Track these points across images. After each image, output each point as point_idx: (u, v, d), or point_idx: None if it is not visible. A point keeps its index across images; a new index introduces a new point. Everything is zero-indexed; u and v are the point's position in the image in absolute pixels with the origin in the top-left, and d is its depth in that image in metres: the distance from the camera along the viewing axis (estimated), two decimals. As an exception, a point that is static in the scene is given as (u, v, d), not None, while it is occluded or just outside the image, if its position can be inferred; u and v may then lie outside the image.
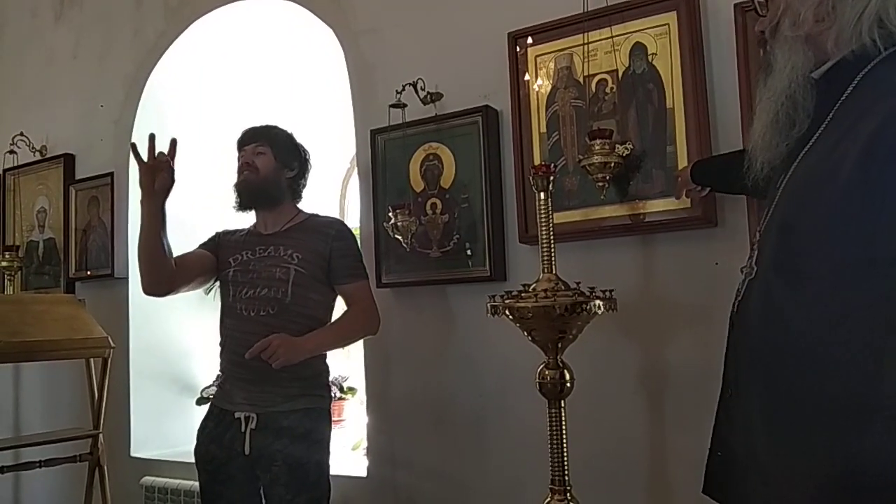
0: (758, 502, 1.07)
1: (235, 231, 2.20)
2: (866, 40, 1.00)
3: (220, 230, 2.24)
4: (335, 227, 2.15)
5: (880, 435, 0.89)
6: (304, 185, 2.23)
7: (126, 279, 3.20)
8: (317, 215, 2.20)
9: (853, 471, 0.92)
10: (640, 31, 2.04)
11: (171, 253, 2.00)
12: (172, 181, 1.92)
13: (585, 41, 2.08)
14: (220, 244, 2.16)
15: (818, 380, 0.97)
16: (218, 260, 2.14)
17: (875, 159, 0.92)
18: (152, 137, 1.93)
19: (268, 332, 1.93)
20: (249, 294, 2.02)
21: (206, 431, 2.04)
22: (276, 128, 2.21)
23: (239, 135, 2.19)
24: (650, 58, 2.03)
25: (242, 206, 2.14)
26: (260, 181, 2.11)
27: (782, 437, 1.02)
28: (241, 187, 2.13)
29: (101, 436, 2.87)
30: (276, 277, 2.02)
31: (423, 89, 2.39)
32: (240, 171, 2.13)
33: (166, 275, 2.00)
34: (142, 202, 1.94)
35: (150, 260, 1.97)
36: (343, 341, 2.17)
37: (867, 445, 0.90)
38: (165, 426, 3.17)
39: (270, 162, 2.13)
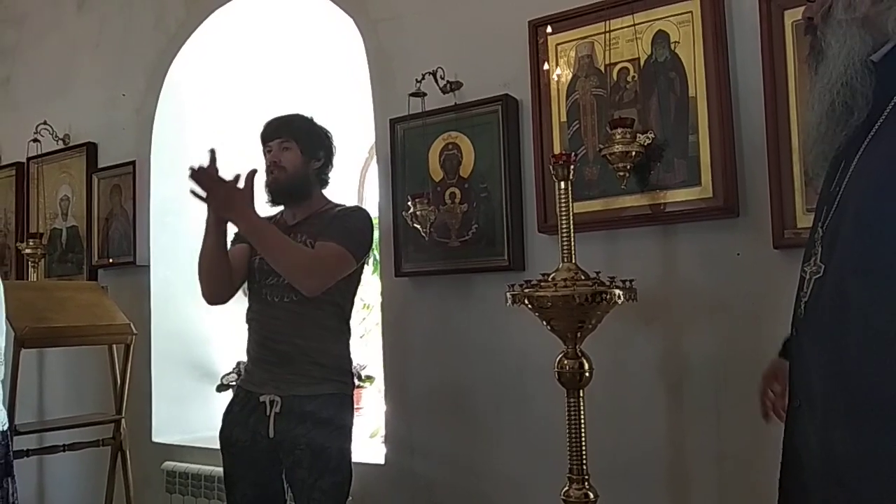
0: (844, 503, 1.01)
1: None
2: None
3: None
4: (348, 209, 2.17)
5: None
6: (330, 171, 2.21)
7: (147, 267, 3.24)
8: (339, 205, 2.20)
9: None
10: (662, 18, 2.02)
11: (230, 264, 2.04)
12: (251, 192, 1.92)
13: (607, 29, 2.06)
14: None
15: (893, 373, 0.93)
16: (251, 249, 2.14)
17: None
18: (213, 153, 1.92)
19: (292, 317, 2.00)
20: (273, 281, 2.04)
21: (232, 415, 2.07)
22: (297, 118, 2.18)
23: (262, 128, 2.18)
24: (672, 46, 2.01)
25: (275, 203, 2.15)
26: (289, 179, 2.10)
27: (871, 443, 0.96)
28: (272, 188, 2.11)
29: (123, 421, 2.91)
30: None
31: (442, 78, 2.39)
32: (269, 171, 2.11)
33: (228, 284, 2.06)
34: (208, 217, 1.97)
35: (215, 273, 2.02)
36: (276, 252, 1.93)
37: None
38: (186, 412, 3.21)
39: (297, 157, 2.11)
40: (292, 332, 2.02)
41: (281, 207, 2.20)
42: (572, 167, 1.78)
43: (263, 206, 2.20)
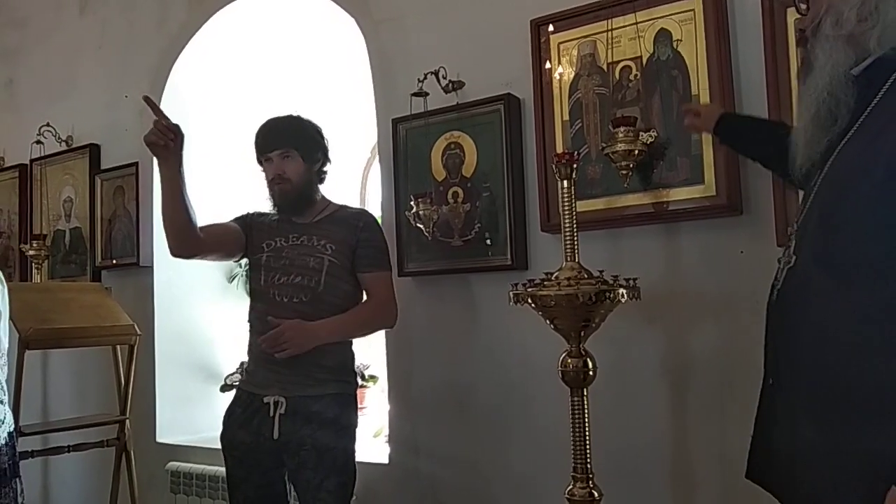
0: (804, 488, 1.09)
1: (266, 214, 2.18)
2: None
3: (251, 210, 2.23)
4: (363, 219, 2.15)
5: None
6: (328, 167, 2.20)
7: (151, 268, 3.24)
8: (346, 207, 2.21)
9: (886, 450, 0.95)
10: (664, 17, 2.02)
11: (194, 216, 2.01)
12: (181, 138, 1.91)
13: (609, 28, 2.06)
14: (252, 225, 2.16)
15: (863, 370, 1.00)
16: (248, 240, 2.14)
17: None
18: (147, 99, 1.92)
19: (302, 318, 1.98)
20: (282, 281, 2.04)
21: (234, 417, 2.06)
22: (292, 123, 2.13)
23: (256, 138, 2.13)
24: (675, 44, 2.01)
25: (283, 213, 2.13)
26: (296, 190, 2.09)
27: (828, 425, 1.04)
28: (281, 200, 2.09)
29: (127, 421, 2.92)
30: (310, 266, 2.04)
31: (444, 77, 2.39)
32: (274, 183, 2.08)
33: (191, 236, 2.01)
34: (159, 165, 1.95)
35: (175, 222, 1.98)
36: (358, 331, 2.12)
37: None
38: (190, 412, 3.21)
39: (300, 165, 2.09)
40: None
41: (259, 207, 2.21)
42: (575, 166, 1.79)
43: (253, 200, 2.21)
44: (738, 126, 1.74)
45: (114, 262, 3.39)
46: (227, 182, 3.31)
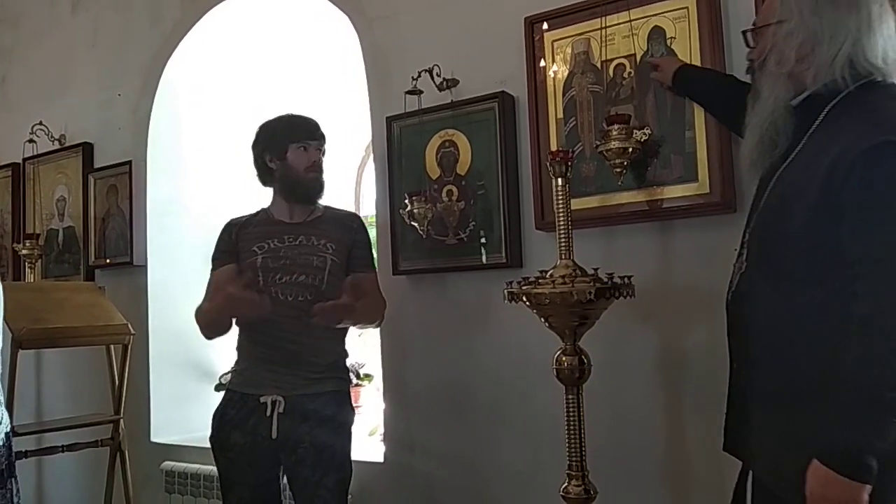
0: (760, 460, 1.30)
1: (246, 220, 2.17)
2: (838, 77, 1.21)
3: (229, 224, 2.18)
4: (356, 221, 2.22)
5: (840, 406, 1.09)
6: None
7: (144, 266, 3.23)
8: (331, 207, 2.22)
9: (818, 437, 1.12)
10: (658, 14, 2.02)
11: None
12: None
13: (603, 25, 2.06)
14: (238, 238, 2.13)
15: (797, 362, 1.19)
16: (238, 257, 2.11)
17: (833, 183, 1.12)
18: None
19: (304, 316, 1.98)
20: (285, 280, 2.03)
21: (227, 418, 2.04)
22: (318, 122, 2.20)
23: (299, 124, 2.15)
24: (669, 42, 2.01)
25: (302, 201, 2.13)
26: (325, 184, 2.15)
27: (772, 409, 1.24)
28: (317, 188, 2.13)
29: (121, 421, 2.91)
30: (314, 265, 2.05)
31: (438, 75, 2.39)
32: (308, 171, 2.10)
33: (229, 325, 2.08)
34: (218, 298, 1.97)
35: (220, 327, 2.07)
36: (364, 318, 2.12)
37: (826, 406, 1.10)
38: (185, 411, 3.20)
39: (324, 162, 2.16)
40: (303, 332, 2.01)
41: (262, 206, 2.20)
42: (570, 164, 1.79)
43: (244, 195, 2.18)
44: (694, 78, 1.85)
45: (107, 261, 3.38)
46: (220, 180, 3.30)
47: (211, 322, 2.05)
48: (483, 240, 2.32)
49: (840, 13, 1.21)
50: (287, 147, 2.11)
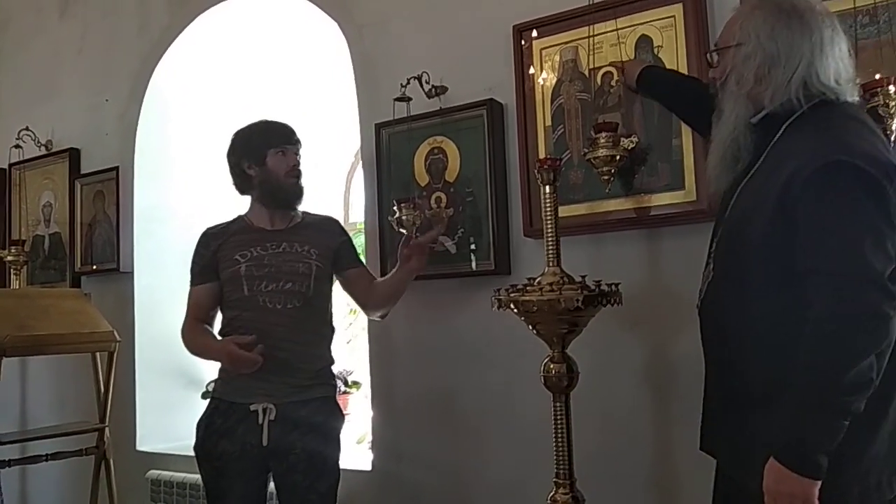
0: (727, 458, 1.39)
1: (223, 229, 2.14)
2: (793, 97, 1.29)
3: (205, 235, 2.14)
4: (336, 224, 2.23)
5: (795, 408, 1.17)
6: None
7: (131, 273, 3.21)
8: (309, 213, 2.21)
9: (774, 436, 1.19)
10: (645, 23, 2.04)
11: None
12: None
13: (591, 34, 2.07)
14: (218, 249, 2.09)
15: (758, 366, 1.27)
16: (218, 267, 2.08)
17: (789, 198, 1.20)
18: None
19: (294, 324, 2.00)
20: (272, 287, 2.01)
21: (214, 427, 2.02)
22: None
23: (277, 128, 2.14)
24: (656, 50, 2.02)
25: (283, 206, 2.12)
26: (304, 188, 2.14)
27: (736, 410, 1.32)
28: (298, 192, 2.12)
29: (107, 429, 2.88)
30: (300, 272, 2.04)
31: (427, 83, 2.39)
32: (289, 175, 2.10)
33: None
34: (221, 353, 1.98)
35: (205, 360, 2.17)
36: (402, 294, 2.17)
37: (783, 408, 1.18)
38: (171, 420, 3.18)
39: (302, 166, 2.16)
40: (293, 338, 2.00)
41: (240, 212, 2.19)
42: (558, 171, 1.79)
43: (231, 202, 2.19)
44: (658, 79, 1.90)
45: (94, 267, 3.35)
46: (208, 186, 3.29)
47: (200, 356, 2.14)
48: (473, 247, 2.31)
49: (794, 37, 1.29)
50: (266, 153, 2.10)
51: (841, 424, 1.14)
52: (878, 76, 1.61)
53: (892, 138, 1.62)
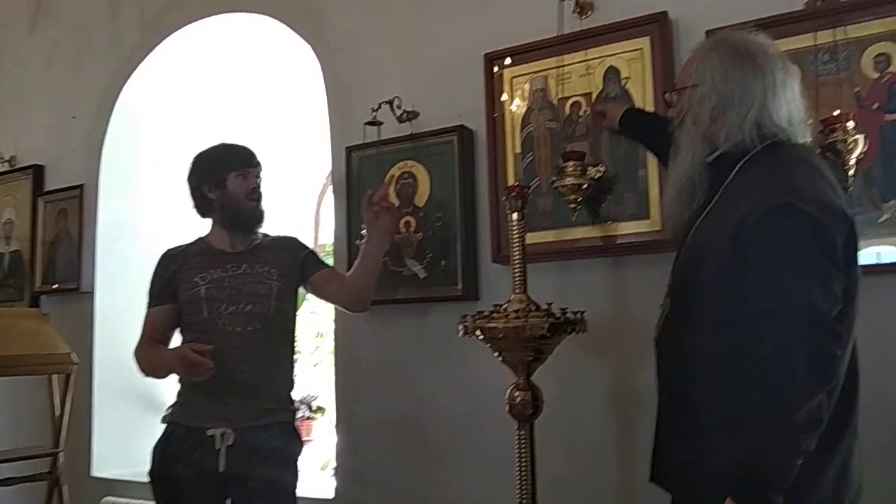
0: (680, 491, 1.39)
1: (182, 251, 2.12)
2: (747, 138, 1.32)
3: (165, 257, 2.11)
4: (297, 241, 2.21)
5: (746, 438, 1.17)
6: None
7: (92, 293, 3.15)
8: (268, 234, 2.19)
9: (728, 473, 1.18)
10: (613, 55, 2.07)
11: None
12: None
13: (560, 64, 2.10)
14: (178, 270, 2.06)
15: (708, 399, 1.29)
16: (177, 289, 2.05)
17: (739, 240, 1.22)
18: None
19: (255, 346, 1.97)
20: (231, 310, 1.99)
21: (169, 452, 1.97)
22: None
23: (237, 152, 2.12)
24: (623, 82, 2.06)
25: (243, 230, 2.09)
26: (264, 211, 2.12)
27: (689, 441, 1.33)
28: (258, 215, 2.09)
29: (61, 454, 2.79)
30: (261, 293, 2.02)
31: (399, 107, 2.40)
32: (248, 198, 2.07)
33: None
34: (174, 360, 1.91)
35: (161, 377, 2.08)
36: (377, 273, 2.11)
37: (736, 446, 1.17)
38: (129, 444, 3.08)
39: (262, 189, 2.13)
40: (254, 361, 1.97)
41: (197, 235, 2.16)
42: (525, 198, 1.80)
43: (189, 231, 2.17)
44: (639, 122, 1.92)
45: (54, 286, 3.28)
46: (174, 205, 3.24)
47: (155, 371, 2.05)
48: (440, 271, 2.31)
49: (747, 79, 1.32)
50: (226, 176, 2.07)
51: (794, 463, 1.15)
52: (837, 112, 1.66)
53: (851, 173, 1.66)
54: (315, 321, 3.55)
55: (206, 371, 1.84)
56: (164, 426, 2.04)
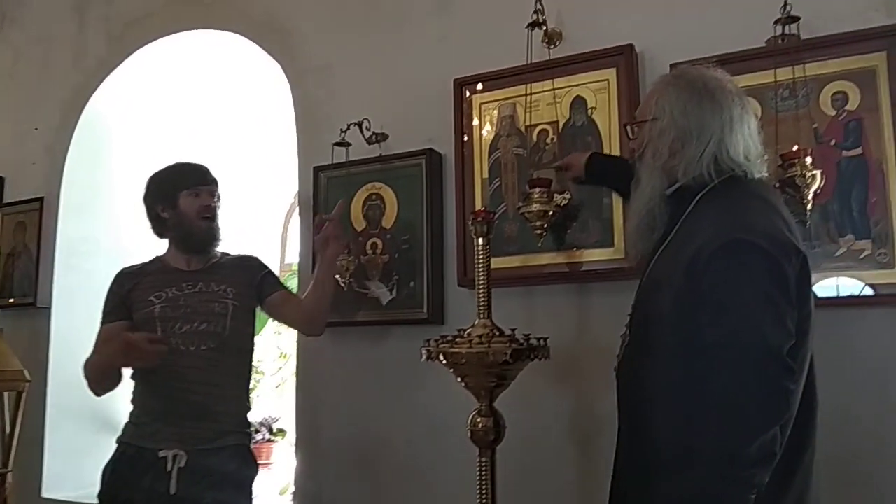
0: None
1: (139, 269, 2.09)
2: (705, 171, 1.34)
3: (120, 275, 2.09)
4: (255, 259, 2.19)
5: (698, 473, 1.17)
6: None
7: (49, 309, 3.07)
8: (227, 253, 2.17)
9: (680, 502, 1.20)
10: (580, 85, 2.10)
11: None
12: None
13: (528, 92, 2.12)
14: (133, 289, 2.03)
15: (659, 431, 1.29)
16: (132, 308, 2.01)
17: (694, 274, 1.23)
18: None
19: (209, 366, 1.94)
20: (186, 329, 1.95)
21: (118, 473, 1.93)
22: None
23: (190, 170, 2.10)
24: (590, 111, 2.09)
25: (196, 251, 2.06)
26: (219, 230, 2.09)
27: (640, 473, 1.34)
28: (211, 234, 2.06)
29: (9, 475, 2.70)
30: (216, 312, 1.99)
31: (368, 129, 2.40)
32: (199, 217, 2.04)
33: (119, 378, 1.97)
34: (113, 344, 1.87)
35: (110, 382, 1.96)
36: (330, 296, 2.13)
37: (689, 481, 1.18)
38: (81, 465, 2.98)
39: (219, 209, 2.11)
40: (209, 381, 1.94)
41: (156, 254, 2.13)
42: (491, 224, 1.81)
43: (152, 249, 2.14)
44: (605, 167, 1.94)
45: (10, 301, 3.19)
46: (136, 221, 3.18)
47: (101, 374, 1.94)
48: (406, 294, 2.30)
49: (705, 115, 1.34)
50: (178, 195, 2.05)
51: (747, 497, 1.15)
52: (795, 147, 1.70)
53: (808, 207, 1.70)
54: (278, 341, 3.51)
55: (152, 355, 1.79)
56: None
